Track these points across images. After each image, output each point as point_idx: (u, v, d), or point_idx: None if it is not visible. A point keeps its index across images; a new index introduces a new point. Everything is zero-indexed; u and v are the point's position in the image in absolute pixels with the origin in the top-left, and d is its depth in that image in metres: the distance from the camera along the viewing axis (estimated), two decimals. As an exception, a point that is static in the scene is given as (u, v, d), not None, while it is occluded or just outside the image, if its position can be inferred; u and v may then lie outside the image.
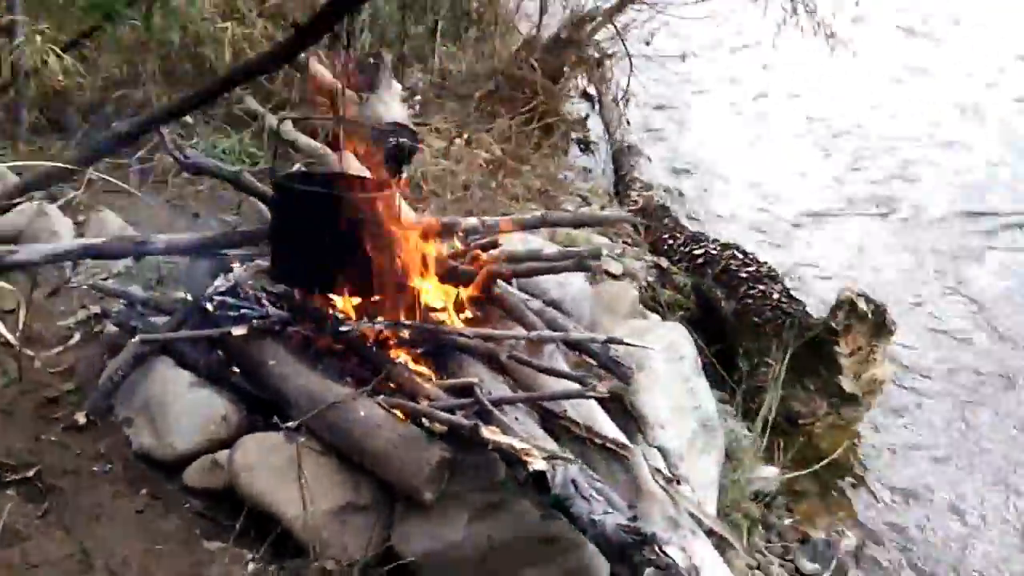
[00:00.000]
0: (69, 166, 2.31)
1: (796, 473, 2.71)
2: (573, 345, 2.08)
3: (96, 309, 2.31)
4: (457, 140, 3.82)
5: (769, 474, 2.68)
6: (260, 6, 3.61)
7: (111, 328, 2.18)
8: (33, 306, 2.17)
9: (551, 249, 2.54)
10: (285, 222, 2.05)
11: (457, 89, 4.23)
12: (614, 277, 3.25)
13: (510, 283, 2.27)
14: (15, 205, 2.54)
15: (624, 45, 4.53)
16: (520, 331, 2.10)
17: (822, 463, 2.73)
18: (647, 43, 4.77)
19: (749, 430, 2.68)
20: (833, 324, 2.93)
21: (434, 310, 2.11)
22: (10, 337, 2.15)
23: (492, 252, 2.36)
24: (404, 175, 3.15)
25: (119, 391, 1.96)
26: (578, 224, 2.94)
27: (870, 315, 2.92)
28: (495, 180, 3.67)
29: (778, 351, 2.96)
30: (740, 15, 4.57)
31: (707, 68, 5.78)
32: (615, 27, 4.49)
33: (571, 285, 2.46)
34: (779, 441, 2.75)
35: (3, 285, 2.24)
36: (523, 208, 3.49)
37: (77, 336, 2.24)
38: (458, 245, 2.42)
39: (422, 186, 3.37)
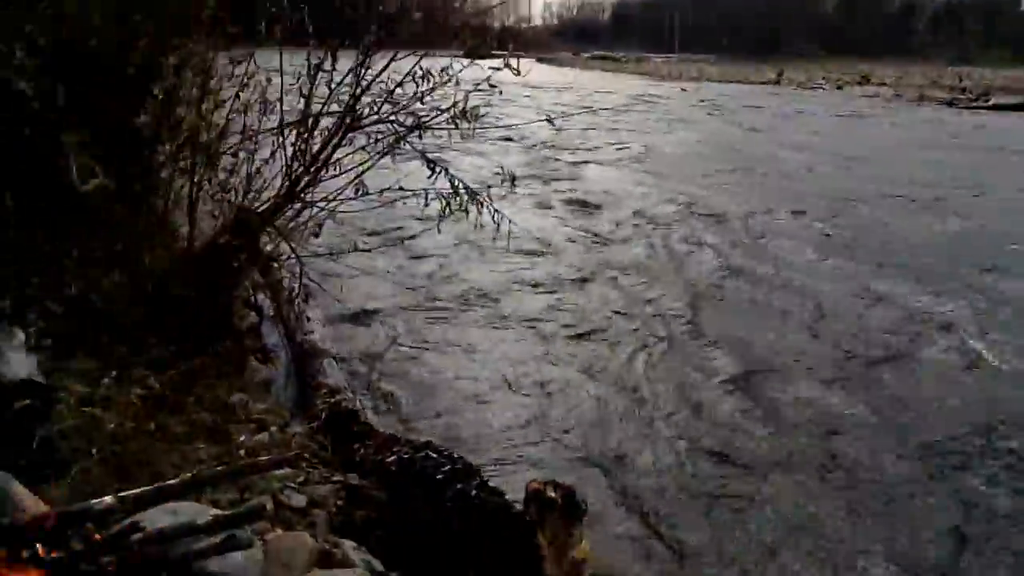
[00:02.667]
0: None
1: None
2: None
3: None
4: (104, 380, 3.58)
5: None
6: None
7: None
8: None
9: (207, 515, 2.43)
10: None
11: (103, 318, 3.99)
12: (300, 512, 3.19)
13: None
14: None
15: (289, 245, 4.63)
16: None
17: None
18: (315, 236, 4.88)
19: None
20: (528, 518, 3.08)
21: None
22: None
23: (137, 536, 2.24)
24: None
25: None
26: (237, 476, 2.84)
27: (560, 500, 3.10)
28: (154, 421, 3.47)
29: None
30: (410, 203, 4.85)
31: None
32: (276, 229, 4.57)
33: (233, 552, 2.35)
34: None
35: None
36: (189, 452, 3.34)
37: None
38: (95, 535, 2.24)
39: (60, 448, 3.10)
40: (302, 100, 4.69)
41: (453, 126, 4.64)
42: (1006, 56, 47.91)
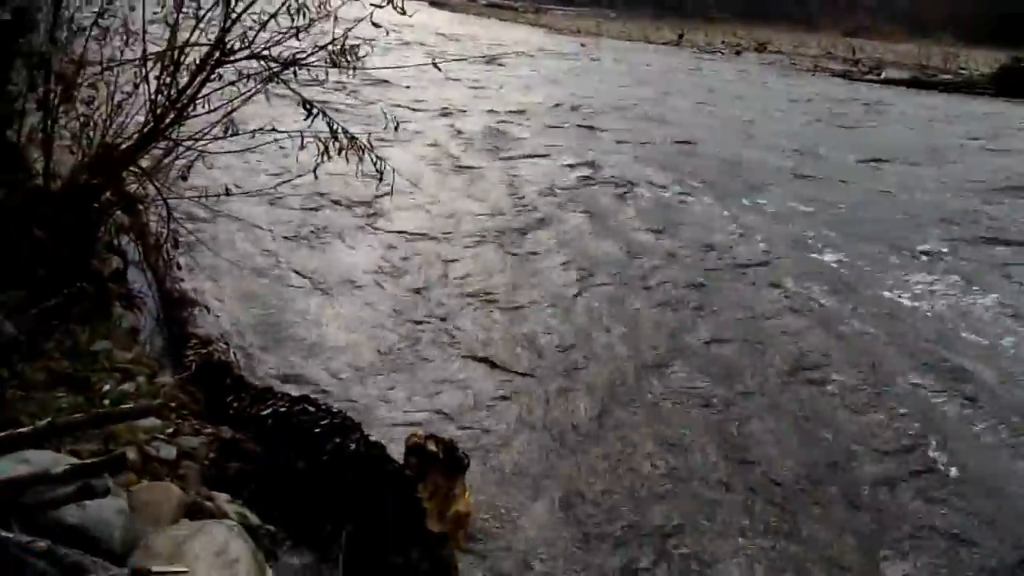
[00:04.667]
0: None
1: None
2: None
3: None
4: (-48, 325, 3.45)
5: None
6: None
7: None
8: None
9: (63, 464, 2.41)
10: None
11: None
12: (169, 464, 3.18)
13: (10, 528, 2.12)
14: None
15: (155, 186, 4.50)
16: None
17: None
18: (183, 178, 4.76)
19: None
20: (408, 472, 3.17)
21: None
22: None
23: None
24: None
25: None
26: (97, 423, 2.81)
27: (441, 455, 3.21)
28: (8, 367, 3.38)
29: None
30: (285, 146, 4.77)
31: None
32: (141, 169, 4.44)
33: (94, 503, 2.35)
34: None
35: None
36: (47, 399, 3.27)
37: None
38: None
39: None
40: (168, 31, 4.54)
41: (331, 64, 4.58)
42: (899, 31, 50.24)
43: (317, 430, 3.48)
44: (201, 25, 4.51)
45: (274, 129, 4.58)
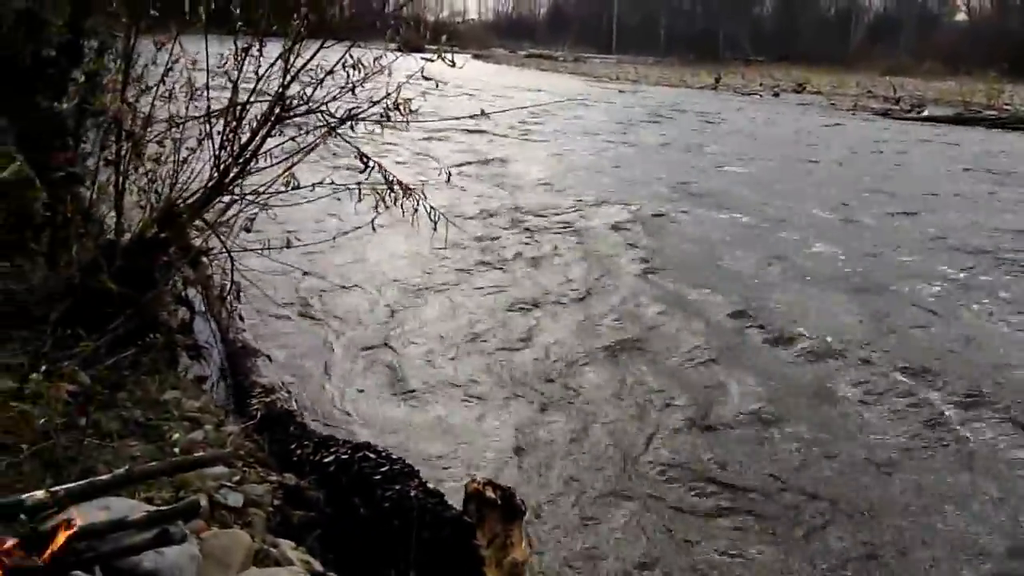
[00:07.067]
0: None
1: None
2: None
3: None
4: (32, 376, 3.56)
5: None
6: None
7: None
8: None
9: (140, 511, 2.46)
10: None
11: (28, 313, 3.96)
12: (236, 512, 3.23)
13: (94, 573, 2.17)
14: None
15: (220, 239, 4.63)
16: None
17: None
18: (247, 231, 4.88)
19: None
20: (467, 519, 3.18)
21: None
22: None
23: (68, 531, 2.26)
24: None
25: None
26: (172, 471, 2.87)
27: (499, 501, 3.21)
28: (85, 417, 3.47)
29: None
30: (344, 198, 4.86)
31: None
32: (206, 222, 4.57)
33: (168, 549, 2.39)
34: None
35: None
36: (120, 448, 3.35)
37: None
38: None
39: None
40: (230, 87, 4.68)
41: (385, 119, 4.70)
42: (939, 69, 49.79)
43: (377, 477, 3.52)
44: (261, 82, 4.67)
45: (333, 182, 4.69)
